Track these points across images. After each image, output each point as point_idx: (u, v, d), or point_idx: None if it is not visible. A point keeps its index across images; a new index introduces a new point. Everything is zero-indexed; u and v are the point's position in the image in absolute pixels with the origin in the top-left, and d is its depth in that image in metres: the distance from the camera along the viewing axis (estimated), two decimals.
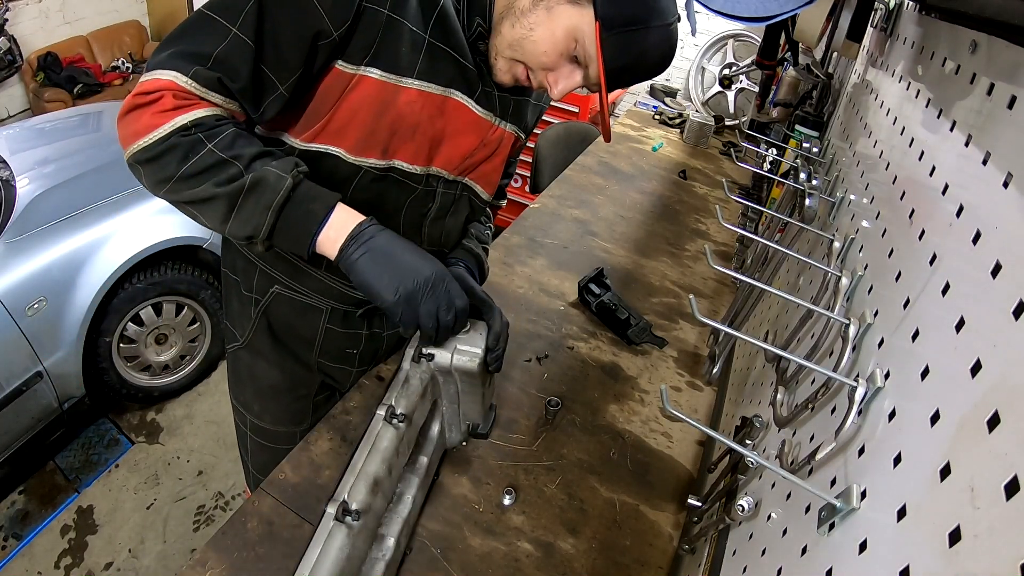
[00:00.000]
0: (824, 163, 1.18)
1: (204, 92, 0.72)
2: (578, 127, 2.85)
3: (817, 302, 0.74)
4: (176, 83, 0.71)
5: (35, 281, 1.86)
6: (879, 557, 0.39)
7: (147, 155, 0.72)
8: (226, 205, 0.73)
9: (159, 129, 0.70)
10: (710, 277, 1.74)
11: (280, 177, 0.73)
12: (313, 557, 0.64)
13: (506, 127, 0.95)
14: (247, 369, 1.12)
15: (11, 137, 2.51)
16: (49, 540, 1.99)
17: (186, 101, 0.72)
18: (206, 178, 0.72)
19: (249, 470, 1.27)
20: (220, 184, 0.72)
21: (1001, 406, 0.33)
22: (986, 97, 0.49)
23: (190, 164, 0.71)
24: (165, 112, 0.70)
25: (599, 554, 0.94)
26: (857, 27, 1.12)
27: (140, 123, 0.71)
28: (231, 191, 0.72)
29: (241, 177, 0.72)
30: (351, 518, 0.67)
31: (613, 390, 1.26)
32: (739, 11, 0.70)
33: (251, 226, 0.74)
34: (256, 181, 0.72)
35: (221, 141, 0.72)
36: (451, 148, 0.90)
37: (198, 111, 0.72)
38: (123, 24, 5.00)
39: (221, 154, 0.72)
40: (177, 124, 0.70)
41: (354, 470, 0.73)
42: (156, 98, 0.71)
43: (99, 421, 2.40)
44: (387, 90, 0.80)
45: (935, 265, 0.49)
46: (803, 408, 0.63)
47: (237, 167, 0.72)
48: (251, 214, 0.74)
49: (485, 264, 1.10)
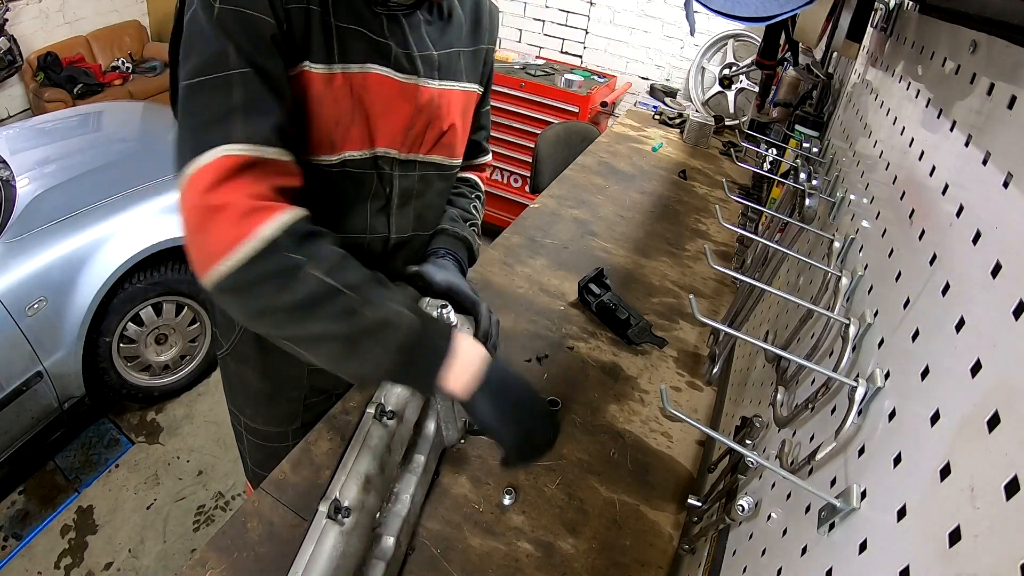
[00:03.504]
0: (824, 163, 1.18)
1: (266, 151, 0.63)
2: (578, 127, 2.85)
3: (817, 302, 0.74)
4: (231, 155, 0.60)
5: (35, 281, 1.87)
6: (879, 557, 0.39)
7: (237, 282, 0.59)
8: (343, 345, 0.63)
9: (240, 248, 0.58)
10: (710, 277, 1.74)
11: (405, 315, 0.65)
12: (306, 555, 0.64)
13: (439, 85, 0.90)
14: (236, 376, 1.13)
15: (11, 137, 2.51)
16: (49, 540, 1.99)
17: (260, 203, 0.61)
18: (316, 313, 0.61)
19: (248, 465, 1.29)
20: (336, 321, 0.61)
21: (1001, 406, 0.33)
22: (986, 97, 0.49)
23: (295, 295, 0.60)
24: (241, 219, 0.58)
25: (599, 554, 0.94)
26: (857, 27, 1.12)
27: (212, 240, 0.59)
28: (349, 332, 0.62)
29: (357, 314, 0.62)
30: (343, 515, 0.68)
31: (613, 390, 1.26)
32: (739, 11, 0.69)
33: (371, 369, 0.65)
34: (381, 322, 0.63)
35: (325, 263, 0.62)
36: (388, 124, 0.86)
37: (281, 215, 0.61)
38: (123, 24, 5.00)
39: (331, 282, 0.61)
40: (262, 238, 0.59)
41: (345, 468, 0.74)
42: (221, 203, 0.59)
43: (99, 421, 2.40)
44: (318, 81, 0.76)
45: (935, 265, 0.49)
46: (803, 408, 0.63)
47: (351, 298, 0.62)
48: (372, 355, 0.63)
49: (474, 246, 1.06)
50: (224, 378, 1.18)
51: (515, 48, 3.81)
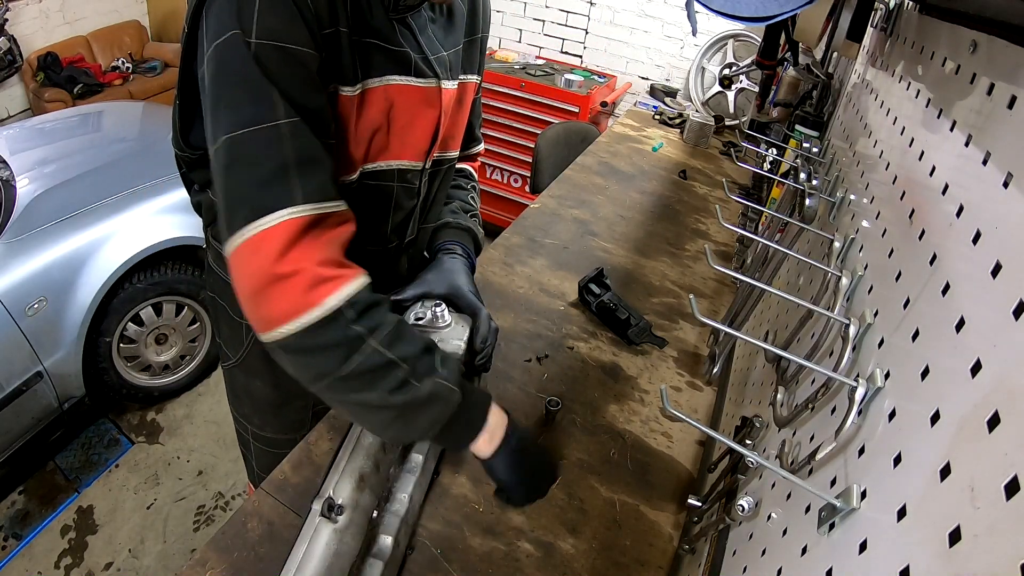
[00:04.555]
0: (824, 163, 1.18)
1: (323, 207, 0.63)
2: (578, 127, 2.85)
3: (817, 302, 0.74)
4: (295, 218, 0.60)
5: (35, 281, 1.87)
6: (879, 557, 0.39)
7: (298, 346, 0.62)
8: (395, 415, 0.67)
9: (306, 316, 0.60)
10: (710, 277, 1.74)
11: (452, 391, 0.70)
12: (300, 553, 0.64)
13: (454, 85, 0.90)
14: (243, 387, 1.13)
15: (11, 137, 2.51)
16: (49, 540, 1.99)
17: (328, 271, 0.62)
18: (374, 384, 0.65)
19: (253, 469, 1.29)
20: (392, 392, 0.65)
21: (1001, 406, 0.33)
22: (986, 97, 0.49)
23: (355, 365, 0.63)
24: (310, 289, 0.60)
25: (599, 554, 0.94)
26: (857, 27, 1.12)
27: (278, 306, 0.60)
28: (403, 403, 0.66)
29: (411, 386, 0.66)
30: (336, 513, 0.68)
31: (613, 390, 1.26)
32: (739, 11, 0.69)
33: (413, 435, 0.71)
34: (431, 396, 0.68)
35: (387, 337, 0.65)
36: (414, 134, 0.86)
37: (349, 285, 0.63)
38: (123, 24, 5.00)
39: (390, 354, 0.65)
40: (328, 307, 0.61)
41: (338, 467, 0.74)
42: (291, 271, 0.60)
43: (99, 421, 2.40)
44: (345, 103, 0.75)
45: (935, 265, 0.49)
46: (803, 408, 0.63)
47: (406, 370, 0.66)
48: (418, 424, 0.69)
49: (479, 235, 1.08)
50: (229, 388, 1.17)
51: (515, 48, 3.81)
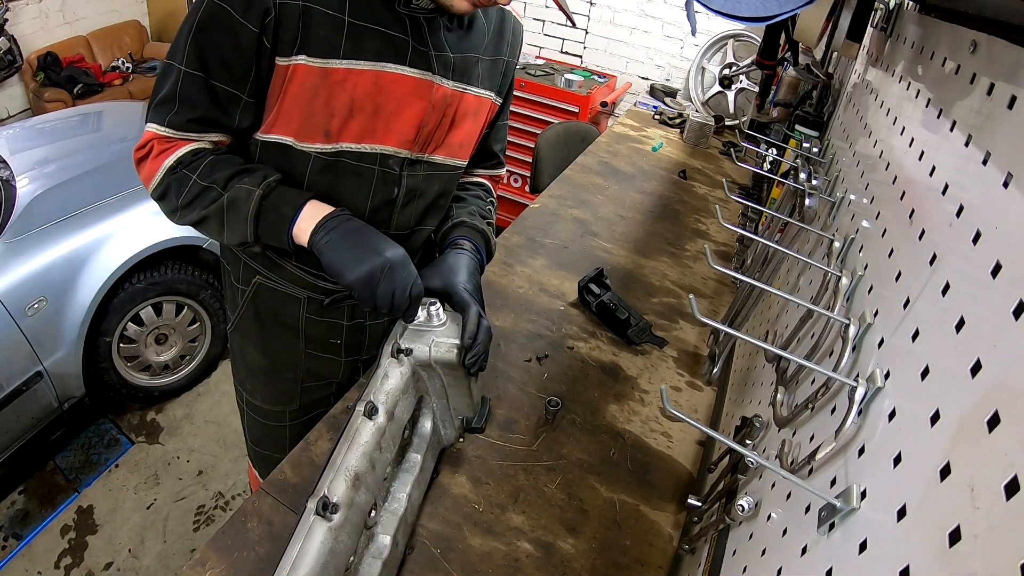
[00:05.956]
0: (824, 163, 1.18)
1: (179, 134, 0.86)
2: (578, 127, 2.85)
3: (817, 302, 0.74)
4: (157, 133, 0.86)
5: (35, 281, 1.87)
6: (879, 557, 0.39)
7: (156, 195, 0.89)
8: (216, 223, 0.88)
9: (156, 174, 0.87)
10: (710, 277, 1.74)
11: (250, 191, 0.85)
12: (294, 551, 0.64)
13: (452, 86, 0.93)
14: (239, 350, 1.19)
15: (11, 137, 2.51)
16: (49, 540, 1.99)
17: (168, 144, 0.87)
18: (197, 204, 0.87)
19: (248, 442, 1.34)
20: (206, 207, 0.87)
21: (1001, 406, 0.33)
22: (986, 97, 0.49)
23: (183, 196, 0.87)
24: (156, 158, 0.86)
25: (599, 554, 0.94)
26: (857, 27, 1.12)
27: (144, 172, 0.88)
28: (215, 211, 0.86)
29: (220, 198, 0.86)
30: (330, 512, 0.68)
31: (613, 390, 1.26)
32: (739, 11, 0.69)
33: (239, 235, 0.88)
34: (232, 200, 0.86)
35: (202, 171, 0.86)
36: (402, 122, 0.91)
37: (178, 151, 0.87)
38: (123, 24, 5.00)
39: (202, 182, 0.86)
40: (166, 167, 0.86)
41: (334, 465, 0.74)
42: (148, 151, 0.87)
43: (99, 421, 2.40)
44: (314, 74, 0.84)
45: (935, 265, 0.49)
46: (803, 408, 0.63)
47: (216, 190, 0.86)
48: (235, 226, 0.87)
49: (492, 240, 1.10)
50: (231, 352, 1.24)
51: None
